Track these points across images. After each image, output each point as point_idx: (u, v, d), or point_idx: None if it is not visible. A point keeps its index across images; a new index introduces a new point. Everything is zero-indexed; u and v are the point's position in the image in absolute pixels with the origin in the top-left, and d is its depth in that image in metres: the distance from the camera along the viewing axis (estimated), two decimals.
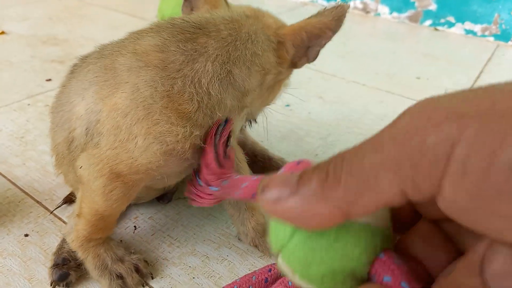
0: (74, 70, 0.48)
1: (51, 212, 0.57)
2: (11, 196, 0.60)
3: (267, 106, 0.56)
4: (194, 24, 0.44)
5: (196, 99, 0.41)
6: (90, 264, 0.47)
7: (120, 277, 0.47)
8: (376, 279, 0.19)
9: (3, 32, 1.18)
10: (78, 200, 0.47)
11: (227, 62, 0.43)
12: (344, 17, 0.45)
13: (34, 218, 0.56)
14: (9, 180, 0.63)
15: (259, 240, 0.53)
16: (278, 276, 0.46)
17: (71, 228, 0.49)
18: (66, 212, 0.58)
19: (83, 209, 0.46)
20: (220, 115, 0.43)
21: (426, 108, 0.15)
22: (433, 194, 0.15)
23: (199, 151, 0.43)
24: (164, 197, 0.60)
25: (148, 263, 0.50)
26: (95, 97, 0.43)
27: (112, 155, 0.42)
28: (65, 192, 0.60)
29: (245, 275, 0.45)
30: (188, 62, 0.41)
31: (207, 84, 0.41)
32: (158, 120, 0.40)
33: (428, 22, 1.49)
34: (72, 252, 0.49)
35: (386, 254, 0.19)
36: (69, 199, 0.59)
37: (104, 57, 0.44)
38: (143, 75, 0.41)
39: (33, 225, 0.55)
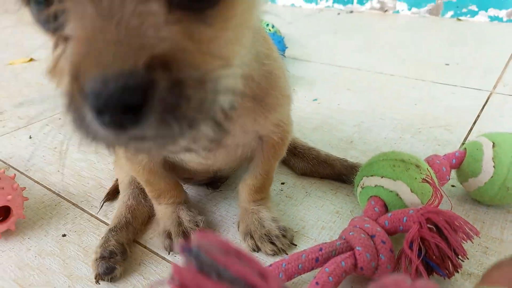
0: None
1: (96, 213, 0.56)
2: (47, 201, 0.59)
3: None
4: None
5: None
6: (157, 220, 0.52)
7: (169, 236, 0.49)
8: None
9: (31, 59, 1.23)
10: None
11: None
12: None
13: (71, 219, 0.55)
14: (44, 186, 0.63)
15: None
16: (330, 255, 0.43)
17: None
18: (103, 212, 0.56)
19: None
20: None
21: None
22: None
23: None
24: (213, 184, 0.59)
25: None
26: None
27: None
28: (100, 194, 0.60)
29: (293, 253, 0.42)
30: None
31: None
32: None
33: (450, 14, 1.45)
34: (119, 244, 0.47)
35: None
36: (111, 196, 0.59)
37: None
38: None
39: (70, 225, 0.54)
